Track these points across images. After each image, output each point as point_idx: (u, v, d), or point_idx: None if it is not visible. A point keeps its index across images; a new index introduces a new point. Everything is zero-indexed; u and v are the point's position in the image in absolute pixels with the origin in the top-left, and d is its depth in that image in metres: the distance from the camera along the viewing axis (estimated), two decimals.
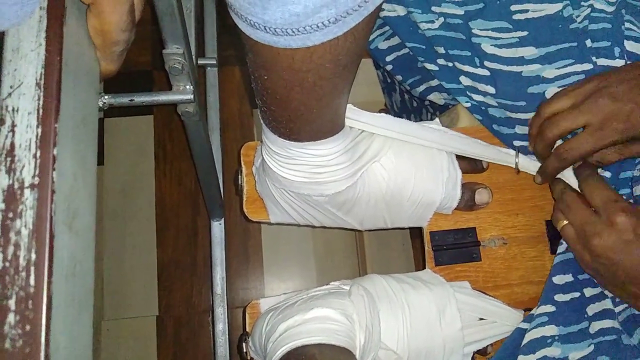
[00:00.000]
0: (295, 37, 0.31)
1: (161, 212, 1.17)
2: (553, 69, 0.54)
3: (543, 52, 0.54)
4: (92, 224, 0.33)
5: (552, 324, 0.50)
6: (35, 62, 0.28)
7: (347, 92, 0.41)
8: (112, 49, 0.35)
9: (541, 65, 0.54)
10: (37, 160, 0.27)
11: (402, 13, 0.60)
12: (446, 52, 0.58)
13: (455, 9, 0.57)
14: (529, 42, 0.55)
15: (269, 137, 0.46)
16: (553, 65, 0.54)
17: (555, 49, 0.54)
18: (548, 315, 0.51)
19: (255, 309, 0.55)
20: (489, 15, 0.56)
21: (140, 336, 1.11)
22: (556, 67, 0.54)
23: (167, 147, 1.22)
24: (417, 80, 0.63)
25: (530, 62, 0.55)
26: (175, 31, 0.53)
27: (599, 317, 0.51)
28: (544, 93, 0.55)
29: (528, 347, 0.50)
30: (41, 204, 0.27)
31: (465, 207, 0.57)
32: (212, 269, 1.06)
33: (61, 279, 0.27)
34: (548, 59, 0.54)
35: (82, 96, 0.32)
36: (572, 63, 0.54)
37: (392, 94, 0.78)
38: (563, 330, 0.50)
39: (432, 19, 0.58)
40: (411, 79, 0.63)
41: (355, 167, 0.50)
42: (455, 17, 0.57)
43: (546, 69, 0.54)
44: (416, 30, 0.60)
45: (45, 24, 0.29)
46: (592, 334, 0.50)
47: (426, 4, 0.58)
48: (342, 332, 0.45)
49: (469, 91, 0.58)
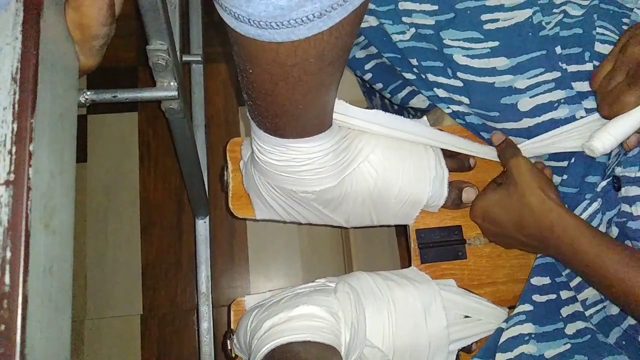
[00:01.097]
0: (279, 30, 0.30)
1: (145, 210, 1.16)
2: (524, 79, 0.55)
3: (514, 63, 0.55)
4: (70, 223, 0.32)
5: (529, 322, 0.51)
6: (10, 56, 0.27)
7: (334, 89, 0.41)
8: (92, 43, 0.35)
9: (513, 76, 0.55)
10: (12, 156, 0.26)
11: (374, 24, 0.60)
12: (419, 64, 0.58)
13: (426, 19, 0.57)
14: (501, 52, 0.55)
15: (256, 132, 0.46)
16: (524, 75, 0.55)
17: (526, 58, 0.55)
18: (526, 314, 0.52)
19: (240, 306, 0.55)
20: (459, 25, 0.56)
21: (124, 335, 1.10)
22: (527, 77, 0.55)
23: (151, 145, 1.20)
24: (398, 85, 0.63)
25: (503, 73, 0.55)
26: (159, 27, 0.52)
27: (571, 318, 0.52)
28: (516, 104, 0.55)
29: (506, 344, 0.51)
30: (16, 201, 0.26)
31: (452, 206, 0.57)
32: (197, 267, 1.05)
33: (37, 278, 0.27)
34: (519, 69, 0.55)
35: (59, 91, 0.31)
36: (542, 72, 0.55)
37: (372, 97, 0.78)
38: (539, 329, 0.51)
39: (404, 30, 0.58)
40: (392, 85, 0.63)
41: (342, 166, 0.50)
42: (426, 27, 0.57)
43: (518, 80, 0.55)
44: (390, 40, 0.60)
45: (21, 17, 0.28)
46: (568, 334, 0.51)
47: (396, 15, 0.58)
48: (327, 329, 0.45)
49: (444, 102, 0.58)
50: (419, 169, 0.54)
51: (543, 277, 0.55)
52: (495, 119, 0.57)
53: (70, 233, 0.32)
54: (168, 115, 0.66)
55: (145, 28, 0.52)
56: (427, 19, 0.57)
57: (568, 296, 0.54)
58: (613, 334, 0.53)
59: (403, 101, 0.64)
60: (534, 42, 0.55)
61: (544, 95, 0.55)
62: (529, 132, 0.56)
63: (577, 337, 0.51)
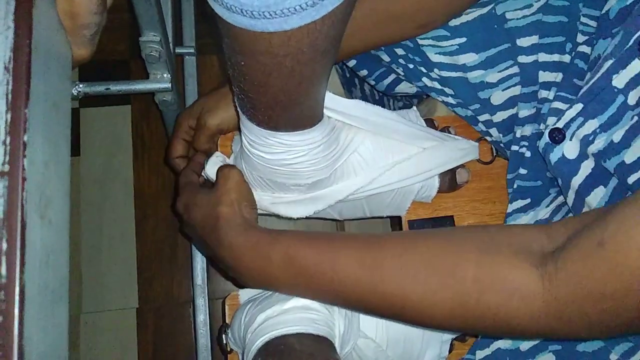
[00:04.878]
0: (272, 20, 0.30)
1: (140, 203, 1.16)
2: (495, 73, 0.55)
3: (483, 57, 0.55)
4: (65, 213, 0.32)
5: None
6: (3, 46, 0.27)
7: (325, 79, 0.41)
8: (82, 32, 0.34)
9: (484, 71, 0.55)
10: (6, 147, 0.26)
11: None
12: (405, 54, 0.58)
13: None
14: (469, 48, 0.55)
15: (246, 126, 0.45)
16: (495, 69, 0.55)
17: (494, 52, 0.55)
18: None
19: (235, 301, 0.55)
20: None
21: (120, 328, 1.10)
22: (498, 70, 0.55)
23: (144, 137, 1.20)
24: (383, 72, 0.63)
25: (473, 69, 0.55)
26: (151, 18, 0.52)
27: None
28: (489, 98, 0.55)
29: (482, 341, 0.52)
30: (12, 192, 0.26)
31: (447, 189, 0.57)
32: (193, 259, 1.05)
33: (34, 269, 0.27)
34: (489, 64, 0.55)
35: (53, 81, 0.31)
36: (512, 64, 0.55)
37: (352, 89, 0.78)
38: None
39: None
40: (376, 72, 0.63)
41: (334, 158, 0.50)
42: None
43: (489, 74, 0.55)
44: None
45: (13, 6, 0.28)
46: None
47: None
48: (321, 321, 0.46)
49: (434, 92, 0.58)
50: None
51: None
52: (476, 111, 0.57)
53: (66, 223, 0.32)
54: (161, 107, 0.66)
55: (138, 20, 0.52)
56: None
57: None
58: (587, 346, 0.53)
59: (389, 88, 0.63)
60: (499, 34, 0.55)
61: (515, 87, 0.55)
62: (506, 126, 0.57)
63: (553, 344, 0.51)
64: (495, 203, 0.59)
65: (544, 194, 0.55)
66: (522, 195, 0.55)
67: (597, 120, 0.45)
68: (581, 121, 0.46)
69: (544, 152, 0.49)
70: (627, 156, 0.43)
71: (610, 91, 0.44)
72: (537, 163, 0.54)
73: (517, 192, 0.55)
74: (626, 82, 0.43)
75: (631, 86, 0.43)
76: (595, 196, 0.46)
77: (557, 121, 0.48)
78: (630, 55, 0.42)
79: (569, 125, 0.47)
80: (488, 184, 0.59)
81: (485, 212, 0.59)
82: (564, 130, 0.47)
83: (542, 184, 0.55)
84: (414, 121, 0.55)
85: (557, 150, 0.48)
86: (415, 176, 0.54)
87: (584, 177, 0.47)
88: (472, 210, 0.59)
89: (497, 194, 0.59)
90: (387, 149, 0.53)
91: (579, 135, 0.46)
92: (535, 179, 0.55)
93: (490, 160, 0.59)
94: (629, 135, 0.43)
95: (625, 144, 0.43)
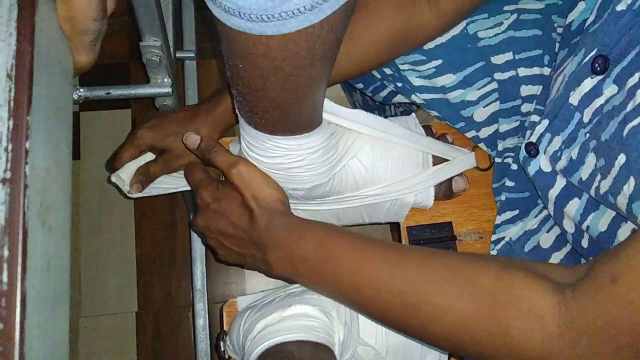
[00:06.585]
0: (270, 23, 0.30)
1: (139, 207, 1.16)
2: (475, 91, 0.56)
3: (461, 77, 0.56)
4: (66, 219, 0.32)
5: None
6: (5, 53, 0.27)
7: (324, 84, 0.41)
8: (82, 38, 0.34)
9: (463, 90, 0.56)
10: (8, 153, 0.26)
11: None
12: (393, 74, 0.58)
13: None
14: (446, 69, 0.56)
15: (244, 129, 0.45)
16: (474, 87, 0.56)
17: (471, 70, 0.55)
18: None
19: (233, 307, 0.55)
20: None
21: (119, 332, 1.10)
22: (477, 88, 0.56)
23: None
24: (378, 86, 0.63)
25: (453, 89, 0.56)
26: (152, 23, 0.52)
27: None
28: (472, 116, 0.56)
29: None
30: (13, 198, 0.26)
31: (444, 197, 0.58)
32: (192, 263, 1.05)
33: (35, 275, 0.27)
34: (467, 83, 0.56)
35: (55, 88, 0.31)
36: (490, 81, 0.55)
37: (352, 93, 0.78)
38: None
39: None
40: (372, 85, 0.63)
41: (332, 163, 0.50)
42: None
43: (468, 93, 0.56)
44: None
45: (16, 13, 0.28)
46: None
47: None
48: (320, 328, 0.45)
49: (424, 107, 0.59)
50: (407, 167, 0.54)
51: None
52: (462, 129, 0.58)
53: (66, 230, 0.32)
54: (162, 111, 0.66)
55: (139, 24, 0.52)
56: None
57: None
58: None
59: (386, 99, 0.64)
60: (473, 53, 0.55)
61: (495, 103, 0.56)
62: (492, 141, 0.57)
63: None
64: (494, 209, 0.59)
65: (532, 204, 0.55)
66: (510, 207, 0.55)
67: (560, 136, 0.46)
68: (549, 137, 0.47)
69: (523, 164, 0.50)
70: (583, 172, 0.43)
71: (568, 108, 0.44)
72: (523, 175, 0.54)
73: (505, 204, 0.55)
74: (579, 99, 0.43)
75: (585, 103, 0.43)
76: (571, 207, 0.47)
77: (531, 135, 0.49)
78: (584, 73, 0.43)
79: (540, 140, 0.48)
80: (486, 191, 0.60)
81: (483, 219, 0.59)
82: (537, 145, 0.48)
83: (530, 195, 0.55)
84: (413, 128, 0.56)
85: (534, 163, 0.49)
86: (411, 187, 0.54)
87: (559, 190, 0.48)
88: (470, 216, 0.59)
89: (495, 201, 0.59)
90: (386, 155, 0.53)
91: (549, 152, 0.47)
92: (523, 191, 0.55)
93: (487, 167, 0.59)
94: (582, 152, 0.43)
95: (580, 161, 0.43)
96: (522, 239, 0.54)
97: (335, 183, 0.51)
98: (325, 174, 0.49)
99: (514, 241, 0.54)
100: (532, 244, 0.54)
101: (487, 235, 0.58)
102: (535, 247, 0.53)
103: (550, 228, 0.54)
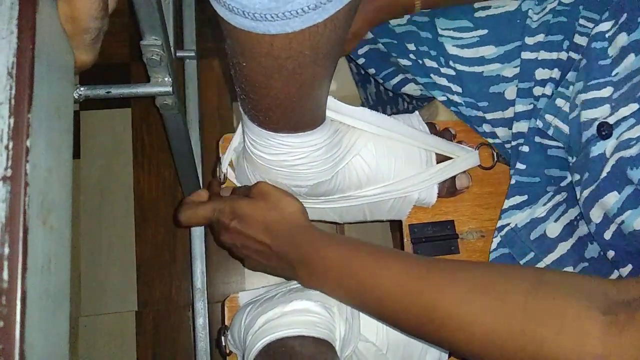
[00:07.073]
0: (274, 22, 0.30)
1: (139, 206, 1.16)
2: (512, 67, 0.56)
3: (502, 51, 0.56)
4: (67, 218, 0.32)
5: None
6: (6, 51, 0.27)
7: (327, 82, 0.41)
8: (83, 36, 0.34)
9: (501, 64, 0.56)
10: (9, 151, 0.26)
11: None
12: (417, 49, 0.58)
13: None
14: (489, 40, 0.56)
15: (248, 126, 0.46)
16: (512, 63, 0.56)
17: (513, 46, 0.55)
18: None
19: (234, 303, 0.55)
20: (451, 13, 0.57)
21: (119, 332, 1.10)
22: (514, 65, 0.55)
23: (145, 140, 1.20)
24: (390, 72, 0.63)
25: (491, 62, 0.56)
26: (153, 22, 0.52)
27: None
28: (503, 92, 0.56)
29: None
30: (14, 197, 0.26)
31: (447, 194, 0.57)
32: (192, 263, 1.05)
33: (36, 274, 0.27)
34: (507, 58, 0.56)
35: (56, 86, 0.31)
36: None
37: (366, 86, 0.78)
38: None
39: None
40: (384, 71, 0.64)
41: (335, 161, 0.50)
42: (422, 14, 0.57)
43: (505, 68, 0.56)
44: (387, 25, 0.60)
45: (17, 11, 0.28)
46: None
47: None
48: (322, 324, 0.46)
49: (439, 89, 0.58)
50: (410, 165, 0.54)
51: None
52: (484, 109, 0.57)
53: (67, 228, 0.32)
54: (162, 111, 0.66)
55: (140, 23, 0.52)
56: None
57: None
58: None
59: (395, 88, 0.64)
60: (520, 30, 0.56)
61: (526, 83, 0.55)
62: (511, 122, 0.56)
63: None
64: (496, 208, 0.59)
65: (541, 191, 0.54)
66: (519, 192, 0.55)
67: None
68: (632, 123, 0.43)
69: (587, 143, 0.47)
70: None
71: None
72: (534, 158, 0.54)
73: (514, 187, 0.55)
74: None
75: None
76: (608, 199, 0.44)
77: (609, 116, 0.45)
78: None
79: (619, 124, 0.44)
80: (489, 189, 0.60)
81: (485, 217, 0.59)
82: (614, 128, 0.44)
83: (540, 181, 0.54)
84: (417, 126, 0.56)
85: (600, 145, 0.45)
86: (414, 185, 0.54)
87: (602, 178, 0.45)
88: (473, 215, 0.59)
89: (498, 200, 0.59)
90: (389, 153, 0.53)
91: (622, 137, 0.43)
92: (534, 175, 0.54)
93: (491, 165, 0.59)
94: None
95: None
96: (529, 227, 0.53)
97: (339, 180, 0.52)
98: (328, 171, 0.49)
99: (520, 228, 0.53)
100: (538, 232, 0.53)
101: (489, 234, 0.58)
102: (541, 236, 0.53)
103: (559, 217, 0.53)
